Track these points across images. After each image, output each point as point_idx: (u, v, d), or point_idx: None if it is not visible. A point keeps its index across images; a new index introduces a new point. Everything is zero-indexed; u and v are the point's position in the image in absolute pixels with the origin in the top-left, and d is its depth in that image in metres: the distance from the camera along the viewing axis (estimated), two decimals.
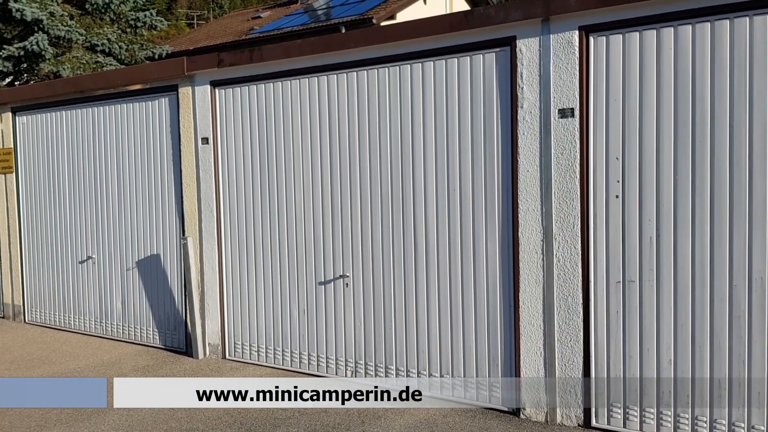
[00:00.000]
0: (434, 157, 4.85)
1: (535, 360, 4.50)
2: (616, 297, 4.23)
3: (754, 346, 3.84)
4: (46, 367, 6.04)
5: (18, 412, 4.92)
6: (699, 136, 3.91)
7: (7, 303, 8.00)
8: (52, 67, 13.19)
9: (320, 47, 5.26)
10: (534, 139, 4.40)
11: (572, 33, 4.22)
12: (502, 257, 4.63)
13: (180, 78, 6.14)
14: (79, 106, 7.06)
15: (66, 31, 13.29)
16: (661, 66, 4.00)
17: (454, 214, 4.80)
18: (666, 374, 4.08)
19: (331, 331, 5.46)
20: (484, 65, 4.61)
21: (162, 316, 6.58)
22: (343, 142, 5.29)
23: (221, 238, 6.04)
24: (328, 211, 5.40)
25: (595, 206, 4.26)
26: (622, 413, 4.25)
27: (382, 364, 5.21)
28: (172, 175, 6.37)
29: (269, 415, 4.73)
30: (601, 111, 4.20)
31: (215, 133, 5.99)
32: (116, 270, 6.90)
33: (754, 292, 3.82)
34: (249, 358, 5.98)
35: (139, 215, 6.67)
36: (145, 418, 4.74)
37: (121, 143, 6.74)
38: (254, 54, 5.59)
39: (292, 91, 5.53)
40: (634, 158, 4.11)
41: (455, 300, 4.83)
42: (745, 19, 3.75)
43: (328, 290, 5.46)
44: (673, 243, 4.02)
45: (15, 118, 7.71)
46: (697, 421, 4.02)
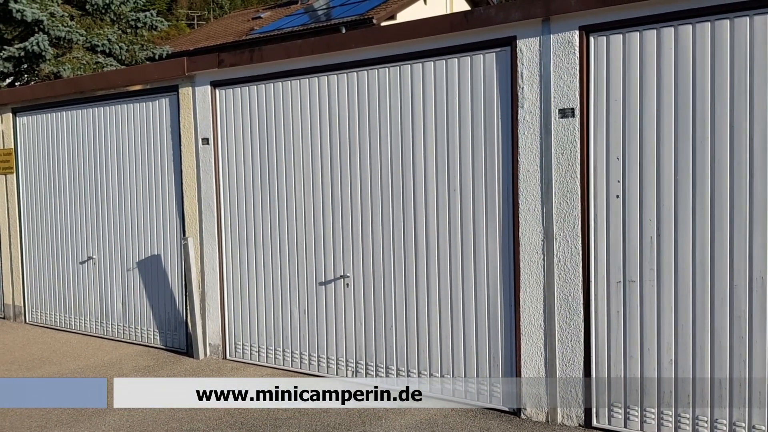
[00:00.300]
0: (435, 157, 4.85)
1: (536, 360, 4.50)
2: (616, 297, 4.23)
3: (755, 345, 3.84)
4: (47, 367, 6.04)
5: (19, 413, 4.92)
6: (699, 135, 3.91)
7: (8, 303, 8.01)
8: (53, 68, 13.20)
9: (320, 47, 5.27)
10: (534, 139, 4.40)
11: (572, 33, 4.22)
12: (502, 257, 4.63)
13: (180, 78, 6.15)
14: (80, 106, 7.06)
15: (66, 31, 13.30)
16: (662, 66, 4.00)
17: (455, 214, 4.80)
18: (667, 374, 4.08)
19: (332, 331, 5.46)
20: (484, 65, 4.61)
21: (162, 317, 6.58)
22: (344, 142, 5.29)
23: (222, 239, 6.05)
24: (329, 211, 5.40)
25: (596, 206, 4.26)
26: (623, 413, 4.25)
27: (382, 364, 5.21)
28: (172, 175, 6.37)
29: (270, 415, 4.74)
30: (602, 111, 4.20)
31: (216, 133, 5.99)
32: (117, 270, 6.90)
33: (755, 291, 3.82)
34: (250, 358, 5.98)
35: (139, 215, 6.67)
36: (146, 419, 4.74)
37: (121, 144, 6.75)
38: (254, 54, 5.60)
39: (293, 92, 5.53)
40: (635, 158, 4.11)
41: (456, 300, 4.83)
42: (745, 19, 3.75)
43: (329, 290, 5.46)
44: (674, 243, 4.02)
45: (15, 118, 7.71)
46: (698, 421, 4.02)
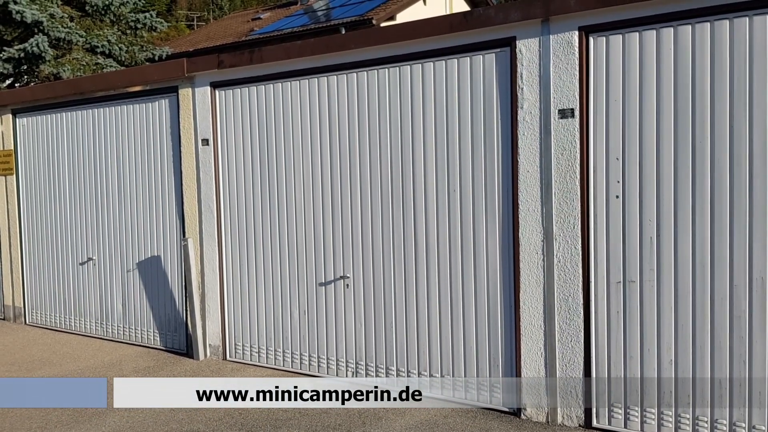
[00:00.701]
0: (434, 157, 4.85)
1: (536, 360, 4.50)
2: (616, 297, 4.23)
3: (755, 345, 3.84)
4: (47, 368, 6.04)
5: (19, 413, 4.92)
6: (699, 135, 3.92)
7: (8, 304, 8.01)
8: (53, 69, 13.20)
9: (320, 48, 5.27)
10: (534, 140, 4.40)
11: (572, 33, 4.23)
12: (502, 258, 4.64)
13: (180, 79, 6.15)
14: (80, 107, 7.06)
15: (66, 32, 13.30)
16: (661, 66, 4.00)
17: (455, 214, 4.80)
18: (667, 374, 4.08)
19: (332, 331, 5.46)
20: (484, 66, 4.61)
21: (162, 318, 6.58)
22: (343, 142, 5.29)
23: (221, 240, 6.05)
24: (329, 212, 5.40)
25: (596, 206, 4.27)
26: (623, 413, 4.25)
27: (382, 364, 5.21)
28: (172, 176, 6.37)
29: (270, 415, 4.73)
30: (601, 111, 4.21)
31: (215, 134, 5.99)
32: (117, 271, 6.90)
33: (755, 291, 3.82)
34: (249, 359, 5.98)
35: (139, 216, 6.67)
36: (146, 419, 4.74)
37: (121, 145, 6.75)
38: (254, 55, 5.60)
39: (293, 92, 5.53)
40: (635, 158, 4.11)
41: (456, 300, 4.83)
42: (744, 19, 3.75)
43: (329, 291, 5.46)
44: (674, 243, 4.02)
45: (15, 119, 7.71)
46: (698, 421, 4.02)
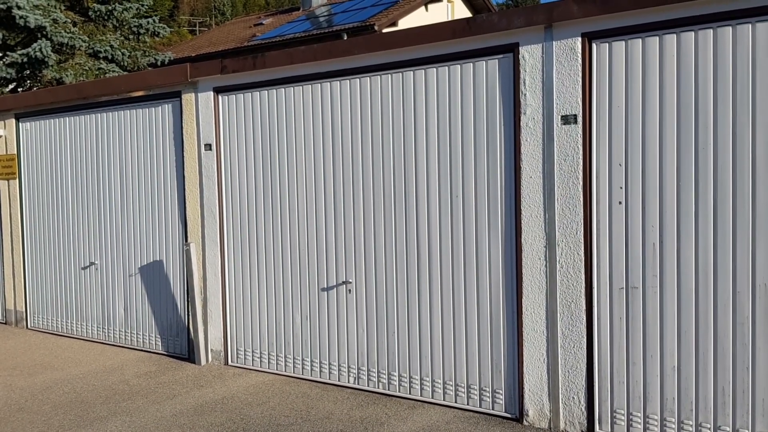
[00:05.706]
0: (437, 163, 4.86)
1: (538, 366, 4.49)
2: (619, 303, 4.23)
3: (758, 352, 3.83)
4: (49, 373, 6.04)
5: (20, 418, 4.91)
6: (702, 142, 3.92)
7: (10, 309, 8.01)
8: (55, 74, 13.24)
9: (323, 54, 5.28)
10: (537, 146, 4.41)
11: (575, 40, 4.24)
12: (505, 264, 4.64)
13: (183, 84, 6.17)
14: (82, 112, 7.08)
15: (69, 37, 13.34)
16: (664, 72, 4.01)
17: (457, 220, 4.80)
18: (670, 381, 4.08)
19: (334, 337, 5.46)
20: (486, 72, 4.62)
21: (164, 323, 6.58)
22: (346, 148, 5.30)
23: (224, 245, 6.05)
24: (331, 217, 5.41)
25: (598, 212, 4.27)
26: (626, 420, 4.24)
27: (384, 370, 5.20)
28: (174, 181, 6.38)
29: (271, 420, 4.73)
30: (604, 117, 4.21)
31: (218, 139, 6.00)
32: (119, 276, 6.91)
33: (758, 298, 3.82)
34: (252, 364, 5.97)
35: (141, 221, 6.68)
36: (147, 424, 4.73)
37: (123, 149, 6.76)
38: (257, 60, 5.61)
39: (295, 98, 5.55)
40: (637, 164, 4.11)
41: (458, 306, 4.83)
42: (747, 26, 3.76)
43: (331, 296, 5.46)
44: (677, 249, 4.02)
45: (18, 124, 7.73)
46: (701, 428, 4.01)
